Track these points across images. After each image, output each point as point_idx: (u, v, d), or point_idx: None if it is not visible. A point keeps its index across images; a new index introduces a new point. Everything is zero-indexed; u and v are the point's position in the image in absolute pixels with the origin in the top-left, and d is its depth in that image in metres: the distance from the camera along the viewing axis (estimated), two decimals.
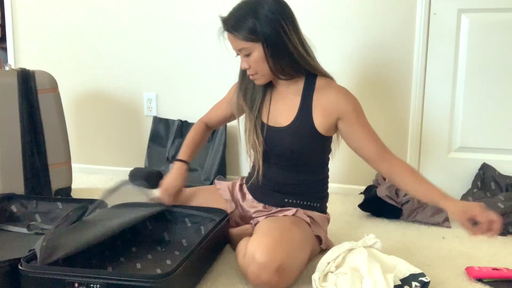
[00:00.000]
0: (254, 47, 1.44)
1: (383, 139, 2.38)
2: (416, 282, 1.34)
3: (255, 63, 1.47)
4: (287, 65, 1.48)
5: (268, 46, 1.43)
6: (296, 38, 1.47)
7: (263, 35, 1.42)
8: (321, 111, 1.51)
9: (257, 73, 1.49)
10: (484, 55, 2.23)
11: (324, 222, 1.63)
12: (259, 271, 1.30)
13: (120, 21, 2.67)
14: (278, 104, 1.57)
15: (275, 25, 1.42)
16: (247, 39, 1.43)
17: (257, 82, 1.54)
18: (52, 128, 2.13)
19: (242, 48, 1.46)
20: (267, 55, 1.44)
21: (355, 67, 2.38)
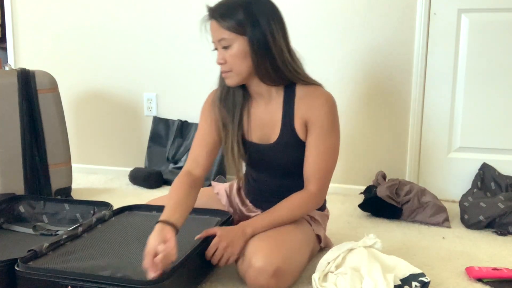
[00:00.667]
0: (236, 39, 1.34)
1: (383, 139, 2.39)
2: (416, 282, 1.33)
3: (232, 58, 1.36)
4: (270, 68, 1.38)
5: (254, 43, 1.34)
6: (284, 44, 1.39)
7: (251, 30, 1.33)
8: (300, 121, 1.44)
9: (232, 70, 1.38)
10: (484, 55, 2.23)
11: (323, 219, 1.62)
12: (256, 276, 1.29)
13: (120, 21, 2.67)
14: (259, 119, 1.49)
15: (266, 24, 1.35)
16: (231, 29, 1.33)
17: (228, 82, 1.42)
18: (52, 128, 2.14)
19: (223, 38, 1.35)
20: (252, 51, 1.35)
21: (355, 67, 2.37)
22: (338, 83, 2.40)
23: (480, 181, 2.21)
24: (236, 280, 1.44)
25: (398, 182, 2.13)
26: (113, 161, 2.78)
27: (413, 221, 2.03)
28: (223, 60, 1.38)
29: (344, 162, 2.44)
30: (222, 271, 1.50)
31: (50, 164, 2.14)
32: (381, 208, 2.07)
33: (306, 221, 1.54)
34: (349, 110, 2.41)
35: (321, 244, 1.60)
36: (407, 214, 2.03)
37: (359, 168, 2.44)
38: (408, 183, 2.14)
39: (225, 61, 1.38)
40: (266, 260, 1.29)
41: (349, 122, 2.42)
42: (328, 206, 1.70)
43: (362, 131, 2.41)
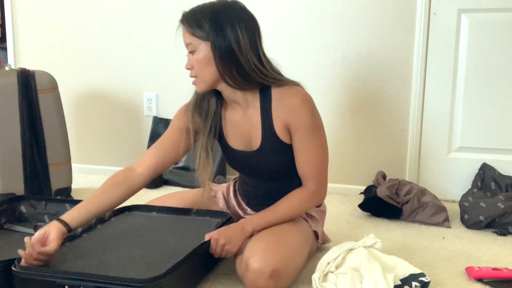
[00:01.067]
0: (200, 45, 1.36)
1: (383, 139, 2.39)
2: (416, 282, 1.33)
3: (198, 64, 1.38)
4: (235, 73, 1.36)
5: (216, 48, 1.34)
6: (250, 51, 1.37)
7: (214, 36, 1.34)
8: (280, 123, 1.42)
9: (197, 76, 1.41)
10: (484, 55, 2.22)
11: (321, 216, 1.62)
12: (254, 277, 1.29)
13: (120, 21, 2.67)
14: (237, 124, 1.49)
15: (230, 31, 1.34)
16: (195, 35, 1.36)
17: (197, 88, 1.45)
18: (52, 128, 2.14)
19: (189, 43, 1.38)
20: (215, 57, 1.35)
21: (354, 67, 2.37)
22: (337, 83, 2.40)
23: (480, 181, 2.21)
24: (236, 280, 1.44)
25: (398, 182, 2.13)
26: (113, 161, 2.77)
27: (413, 221, 2.03)
28: (190, 65, 1.41)
29: (344, 162, 2.44)
30: (222, 271, 1.50)
31: (50, 164, 2.14)
32: (381, 208, 2.07)
33: (303, 218, 1.54)
34: (349, 110, 2.41)
35: (319, 240, 1.59)
36: (407, 214, 2.03)
37: (359, 168, 2.44)
38: (408, 183, 2.14)
39: (192, 66, 1.40)
40: (263, 261, 1.29)
41: (349, 122, 2.42)
42: (328, 206, 1.70)
43: (362, 131, 2.41)
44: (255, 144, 1.47)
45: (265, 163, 1.48)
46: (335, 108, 2.42)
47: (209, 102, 1.49)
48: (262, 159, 1.48)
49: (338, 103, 2.42)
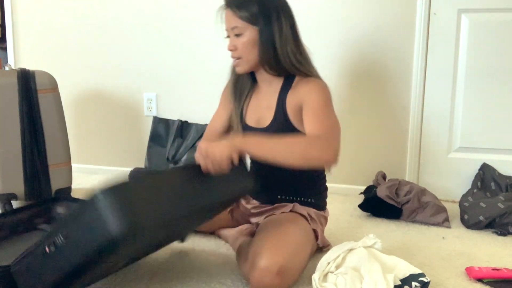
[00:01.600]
0: (248, 28, 1.44)
1: (383, 139, 2.39)
2: (416, 282, 1.33)
3: (243, 46, 1.46)
4: (272, 59, 1.46)
5: (263, 34, 1.43)
6: (290, 38, 1.47)
7: (262, 21, 1.42)
8: (293, 106, 1.48)
9: (241, 57, 1.48)
10: (484, 55, 2.23)
11: (320, 219, 1.62)
12: (260, 275, 1.30)
13: (120, 21, 2.67)
14: (257, 104, 1.58)
15: (276, 18, 1.44)
16: (243, 19, 1.43)
17: (238, 69, 1.51)
18: (52, 128, 2.13)
19: (235, 26, 1.45)
20: (259, 42, 1.44)
21: (355, 67, 2.38)
22: (337, 83, 2.40)
23: (480, 181, 2.21)
24: (236, 280, 1.44)
25: (398, 182, 2.13)
26: (113, 161, 2.78)
27: (413, 221, 2.03)
28: (233, 47, 1.47)
29: (344, 162, 2.43)
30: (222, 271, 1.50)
31: (50, 164, 2.14)
32: (381, 208, 2.07)
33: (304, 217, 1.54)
34: (349, 110, 2.41)
35: (318, 241, 1.59)
36: (407, 214, 2.03)
37: (359, 168, 2.44)
38: (408, 183, 2.14)
39: (235, 48, 1.47)
40: (270, 259, 1.29)
41: (349, 122, 2.42)
42: (328, 206, 1.70)
43: (362, 131, 2.41)
44: (266, 122, 1.53)
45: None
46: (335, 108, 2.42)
47: (243, 83, 1.59)
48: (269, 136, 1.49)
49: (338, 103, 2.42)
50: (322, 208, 1.66)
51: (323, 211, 1.66)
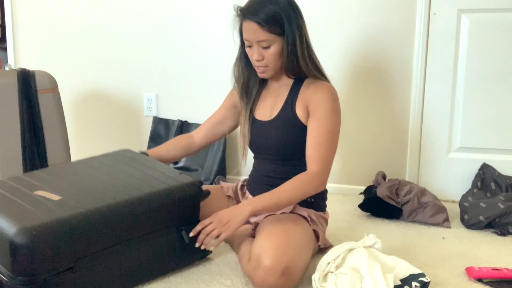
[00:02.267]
0: (276, 40, 1.48)
1: (383, 139, 2.39)
2: (416, 282, 1.33)
3: (271, 57, 1.50)
4: (295, 63, 1.52)
5: (289, 43, 1.48)
6: (307, 42, 1.54)
7: (288, 31, 1.47)
8: (301, 102, 1.55)
9: (268, 65, 1.53)
10: (484, 55, 2.23)
11: (320, 221, 1.62)
12: (265, 275, 1.29)
13: (120, 21, 2.67)
14: (267, 99, 1.64)
15: (297, 25, 1.49)
16: (271, 31, 1.46)
17: (263, 75, 1.57)
18: (52, 128, 2.13)
19: (264, 40, 1.47)
20: (287, 50, 1.49)
21: (355, 67, 2.38)
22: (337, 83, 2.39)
23: (480, 181, 2.21)
24: (236, 280, 1.44)
25: (398, 182, 2.13)
26: None
27: (413, 221, 2.03)
28: (262, 57, 1.51)
29: (344, 162, 2.44)
30: (222, 271, 1.50)
31: (50, 164, 2.13)
32: (381, 208, 2.07)
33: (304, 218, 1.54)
34: (349, 110, 2.41)
35: (319, 242, 1.59)
36: (407, 214, 2.03)
37: (359, 168, 2.44)
38: (408, 183, 2.14)
39: (263, 58, 1.51)
40: (275, 259, 1.29)
41: (349, 122, 2.42)
42: (328, 206, 1.70)
43: (362, 131, 2.41)
44: (272, 114, 1.59)
45: (275, 134, 1.56)
46: None
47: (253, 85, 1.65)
48: (274, 130, 1.56)
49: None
50: (322, 209, 1.66)
51: (323, 212, 1.66)
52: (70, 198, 1.29)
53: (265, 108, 1.63)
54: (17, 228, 1.12)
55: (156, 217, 1.37)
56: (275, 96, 1.62)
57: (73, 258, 1.20)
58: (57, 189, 1.35)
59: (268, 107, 1.62)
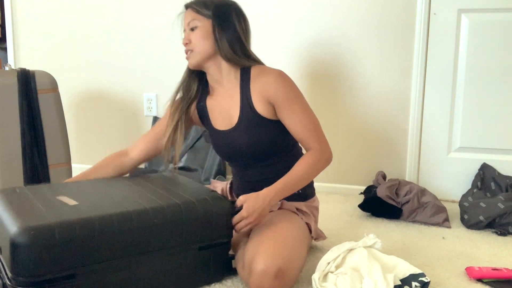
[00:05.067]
0: (202, 21, 1.51)
1: (383, 139, 2.39)
2: (416, 282, 1.33)
3: (196, 38, 1.51)
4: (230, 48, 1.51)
5: (216, 25, 1.50)
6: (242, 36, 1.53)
7: (216, 16, 1.50)
8: (258, 97, 1.51)
9: (194, 50, 1.53)
10: (484, 55, 2.23)
11: (312, 210, 1.61)
12: (259, 280, 1.28)
13: (120, 21, 2.67)
14: (220, 107, 1.58)
15: (230, 16, 1.52)
16: (199, 13, 1.51)
17: (190, 61, 1.56)
18: (52, 128, 2.13)
19: (192, 19, 1.52)
20: (215, 32, 1.50)
21: (354, 67, 2.38)
22: (337, 82, 2.40)
23: (480, 181, 2.21)
24: (236, 281, 1.44)
25: (398, 182, 2.13)
26: None
27: (413, 221, 2.03)
28: (188, 40, 1.54)
29: (344, 162, 2.44)
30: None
31: (50, 164, 2.14)
32: (381, 208, 2.07)
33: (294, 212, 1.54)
34: (349, 110, 2.41)
35: (312, 234, 1.58)
36: (407, 214, 2.03)
37: (359, 168, 2.44)
38: (408, 183, 2.14)
39: (189, 41, 1.53)
40: (266, 262, 1.28)
41: (348, 122, 2.42)
42: (328, 206, 1.70)
43: (362, 131, 2.41)
44: (234, 121, 1.54)
45: (244, 138, 1.52)
46: (335, 109, 2.43)
47: (192, 85, 1.63)
48: (241, 134, 1.52)
49: (338, 103, 2.43)
50: (311, 196, 1.63)
51: (312, 199, 1.64)
52: (85, 204, 1.27)
53: (222, 116, 1.58)
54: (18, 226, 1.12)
55: (173, 231, 1.29)
56: (227, 100, 1.56)
57: (74, 264, 1.15)
58: (79, 197, 1.34)
59: (225, 114, 1.56)
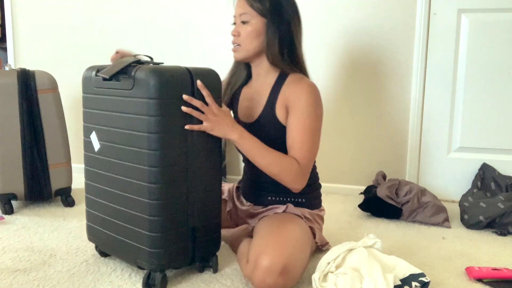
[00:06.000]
0: (256, 18, 1.46)
1: (383, 139, 2.40)
2: (416, 282, 1.33)
3: (246, 34, 1.48)
4: (279, 51, 1.47)
5: (271, 26, 1.45)
6: (296, 38, 1.50)
7: (272, 14, 1.45)
8: (281, 104, 1.49)
9: (241, 45, 1.50)
10: (484, 55, 2.23)
11: (315, 218, 1.61)
12: (264, 276, 1.29)
13: (119, 21, 2.67)
14: (249, 100, 1.59)
15: (287, 15, 1.47)
16: (254, 8, 1.46)
17: (236, 55, 1.54)
18: (52, 128, 2.13)
19: (244, 13, 1.47)
20: (267, 33, 1.46)
21: (355, 67, 2.38)
22: (337, 82, 2.40)
23: (480, 181, 2.21)
24: (236, 281, 1.44)
25: (398, 182, 2.13)
26: None
27: (413, 221, 2.03)
28: (237, 33, 1.50)
29: (344, 162, 2.44)
30: (223, 271, 1.50)
31: (50, 164, 2.14)
32: (381, 208, 2.07)
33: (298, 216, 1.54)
34: (349, 110, 2.41)
35: (316, 239, 1.59)
36: (407, 214, 2.03)
37: (359, 168, 2.44)
38: (408, 183, 2.14)
39: (238, 34, 1.50)
40: (272, 259, 1.29)
41: (349, 122, 2.42)
42: (328, 206, 1.69)
43: (362, 131, 2.42)
44: (254, 116, 1.55)
45: (258, 136, 1.49)
46: (336, 108, 2.43)
47: (239, 76, 1.63)
48: (257, 131, 1.50)
49: (338, 103, 2.43)
50: (316, 207, 1.63)
51: (318, 210, 1.64)
52: None
53: (247, 109, 1.59)
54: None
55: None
56: (257, 96, 1.56)
57: None
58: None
59: (250, 108, 1.58)
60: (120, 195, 1.38)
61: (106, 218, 1.45)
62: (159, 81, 1.26)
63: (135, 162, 1.31)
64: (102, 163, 1.43)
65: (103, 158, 1.42)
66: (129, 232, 1.37)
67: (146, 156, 1.28)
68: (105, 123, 1.40)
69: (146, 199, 1.30)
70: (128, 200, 1.36)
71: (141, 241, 1.34)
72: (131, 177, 1.33)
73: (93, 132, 1.45)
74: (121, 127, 1.35)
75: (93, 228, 1.52)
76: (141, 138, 1.28)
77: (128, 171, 1.34)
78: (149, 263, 1.33)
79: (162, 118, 1.27)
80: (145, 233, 1.32)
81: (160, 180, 1.29)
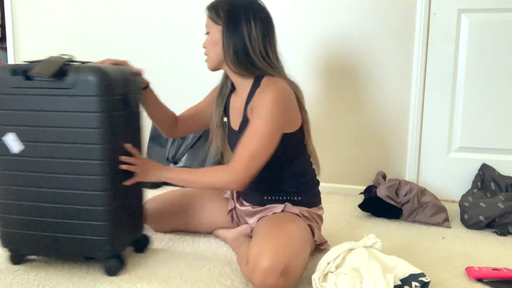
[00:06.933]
0: (213, 28, 1.52)
1: (383, 139, 2.39)
2: (416, 282, 1.33)
3: (208, 44, 1.54)
4: (237, 57, 1.49)
5: (225, 34, 1.49)
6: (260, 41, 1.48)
7: (227, 21, 1.48)
8: (251, 108, 1.49)
9: (207, 55, 1.56)
10: (484, 55, 2.23)
11: (314, 217, 1.60)
12: (264, 276, 1.29)
13: (120, 22, 2.67)
14: (234, 107, 1.63)
15: (244, 18, 1.48)
16: (211, 18, 1.53)
17: (207, 66, 1.59)
18: None
19: (207, 24, 1.55)
20: (223, 41, 1.49)
21: (355, 67, 2.38)
22: (337, 82, 2.40)
23: (480, 181, 2.21)
24: (236, 281, 1.44)
25: (398, 182, 2.13)
26: None
27: (413, 221, 2.03)
28: (204, 45, 1.57)
29: (344, 162, 2.44)
30: (223, 271, 1.50)
31: None
32: (381, 208, 2.07)
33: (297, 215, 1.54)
34: (349, 110, 2.41)
35: (315, 237, 1.59)
36: (407, 214, 2.04)
37: (359, 168, 2.44)
38: (408, 183, 2.14)
39: (204, 45, 1.57)
40: (273, 260, 1.29)
41: (349, 122, 2.42)
42: (328, 206, 1.69)
43: (362, 131, 2.42)
44: (238, 124, 1.59)
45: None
46: (335, 108, 2.43)
47: (227, 87, 1.67)
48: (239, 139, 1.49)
49: (338, 103, 2.43)
50: (314, 205, 1.63)
51: (317, 208, 1.63)
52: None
53: (233, 118, 1.63)
54: None
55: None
56: (239, 103, 1.59)
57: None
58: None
59: (236, 116, 1.61)
60: (55, 193, 1.40)
61: (34, 219, 1.43)
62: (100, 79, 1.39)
63: (78, 157, 1.37)
64: (27, 164, 1.41)
65: (28, 159, 1.41)
66: (71, 226, 1.41)
67: (93, 151, 1.36)
68: (31, 122, 1.40)
69: (96, 191, 1.37)
70: (68, 196, 1.39)
71: (90, 233, 1.40)
72: (72, 173, 1.38)
73: (8, 134, 1.43)
74: (54, 125, 1.38)
75: (11, 233, 1.47)
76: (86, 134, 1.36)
77: (67, 167, 1.38)
78: (104, 251, 1.41)
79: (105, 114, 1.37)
80: (96, 223, 1.39)
81: (108, 172, 1.38)
